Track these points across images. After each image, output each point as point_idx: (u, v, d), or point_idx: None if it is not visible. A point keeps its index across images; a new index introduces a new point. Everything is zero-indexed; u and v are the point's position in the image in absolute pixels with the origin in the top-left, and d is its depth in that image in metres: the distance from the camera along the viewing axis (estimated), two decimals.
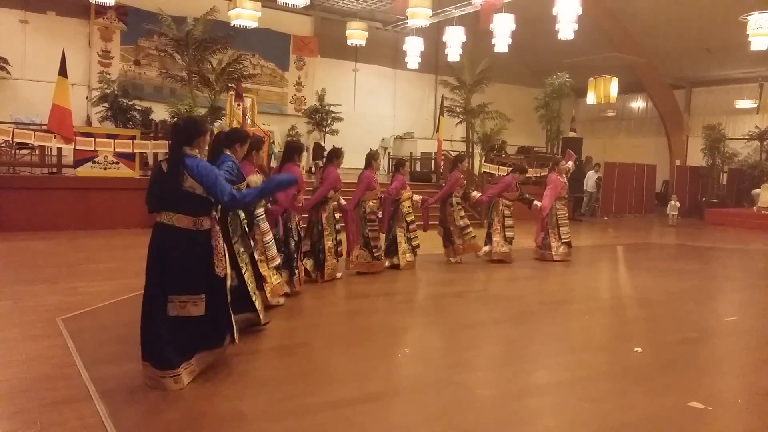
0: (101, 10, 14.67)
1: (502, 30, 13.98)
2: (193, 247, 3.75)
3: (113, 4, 12.99)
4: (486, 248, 8.96)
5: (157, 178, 3.87)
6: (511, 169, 10.36)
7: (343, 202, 7.40)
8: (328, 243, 7.02)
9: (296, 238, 6.33)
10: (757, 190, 17.55)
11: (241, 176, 4.52)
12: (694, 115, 21.80)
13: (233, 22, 13.46)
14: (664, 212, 19.60)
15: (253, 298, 4.79)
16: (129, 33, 15.42)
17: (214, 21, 11.71)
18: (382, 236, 8.07)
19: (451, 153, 16.93)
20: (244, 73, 12.12)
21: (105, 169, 10.82)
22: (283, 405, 3.56)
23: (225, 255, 3.92)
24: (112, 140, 10.79)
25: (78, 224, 10.14)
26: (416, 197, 8.43)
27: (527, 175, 14.66)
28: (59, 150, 10.65)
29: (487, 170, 15.76)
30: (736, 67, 18.94)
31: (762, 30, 13.48)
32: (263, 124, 15.55)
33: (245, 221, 4.83)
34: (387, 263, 8.00)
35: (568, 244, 9.33)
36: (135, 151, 11.11)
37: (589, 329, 5.79)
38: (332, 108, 16.79)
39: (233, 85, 11.96)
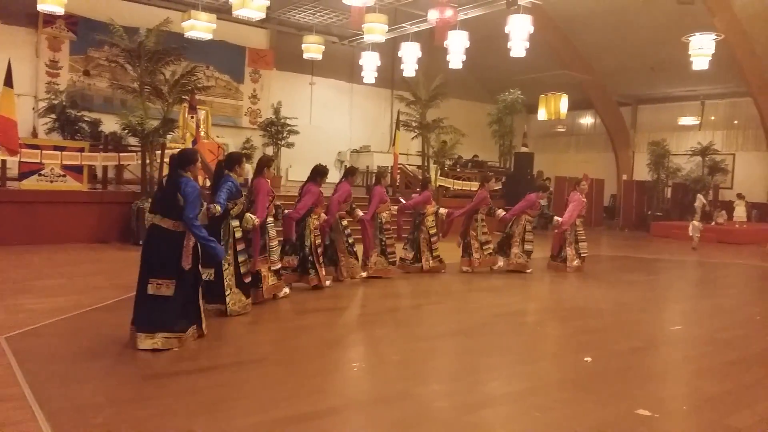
0: (50, 19, 14.26)
1: (456, 47, 14.24)
2: (170, 243, 4.80)
3: (62, 13, 12.67)
4: (500, 263, 9.58)
5: (161, 191, 4.98)
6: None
7: (360, 213, 8.22)
8: (341, 246, 7.91)
9: (308, 244, 7.23)
10: (698, 203, 18.26)
11: (239, 193, 5.82)
12: (639, 131, 22.61)
13: (187, 34, 13.31)
14: (612, 225, 20.23)
15: (227, 293, 5.74)
16: (78, 43, 15.04)
17: (168, 32, 11.53)
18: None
19: (407, 167, 17.13)
20: (198, 85, 11.96)
21: (51, 182, 10.51)
22: (235, 422, 3.50)
23: (194, 253, 4.90)
24: (59, 152, 10.50)
25: (23, 239, 9.78)
26: (442, 210, 9.35)
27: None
28: (3, 162, 10.29)
29: (443, 184, 15.97)
30: (679, 86, 19.78)
31: (703, 50, 14.13)
32: (217, 137, 15.39)
33: (236, 228, 5.87)
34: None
35: (583, 259, 9.91)
36: (83, 163, 10.84)
37: (542, 340, 5.92)
38: (288, 121, 16.73)
39: (187, 97, 11.78)
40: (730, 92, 19.21)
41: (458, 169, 17.55)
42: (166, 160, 11.48)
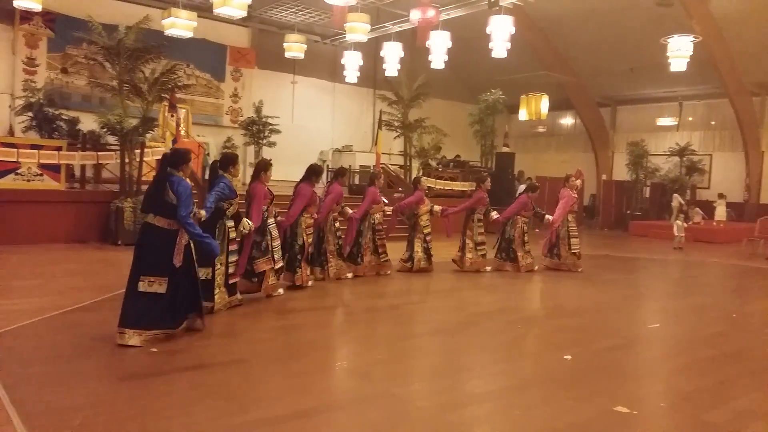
0: (27, 15, 14.02)
1: (439, 47, 14.27)
2: (164, 242, 4.88)
3: (39, 9, 12.48)
4: (488, 267, 9.59)
5: (151, 189, 5.03)
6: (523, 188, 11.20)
7: (350, 211, 8.37)
8: (330, 247, 8.02)
9: (300, 243, 7.29)
10: (675, 203, 18.50)
11: (233, 194, 5.90)
12: (619, 131, 22.86)
13: (167, 32, 13.16)
14: (592, 224, 20.42)
15: (216, 291, 5.85)
16: (56, 40, 14.80)
17: (148, 30, 11.41)
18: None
19: (389, 166, 17.14)
20: (179, 84, 11.83)
21: (28, 181, 10.35)
22: (215, 423, 3.48)
23: (186, 251, 4.98)
24: (36, 151, 10.32)
25: None
26: (436, 208, 9.41)
27: (463, 189, 15.05)
28: None
29: (426, 183, 15.97)
30: (658, 87, 20.03)
31: (681, 52, 14.32)
32: (198, 136, 15.28)
33: (231, 228, 5.97)
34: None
35: (577, 255, 9.95)
36: (61, 162, 10.68)
37: (523, 338, 5.96)
38: (270, 120, 16.65)
39: (167, 96, 11.68)
40: (708, 93, 19.49)
41: (440, 169, 17.60)
42: (146, 159, 11.42)
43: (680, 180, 19.70)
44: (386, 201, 10.35)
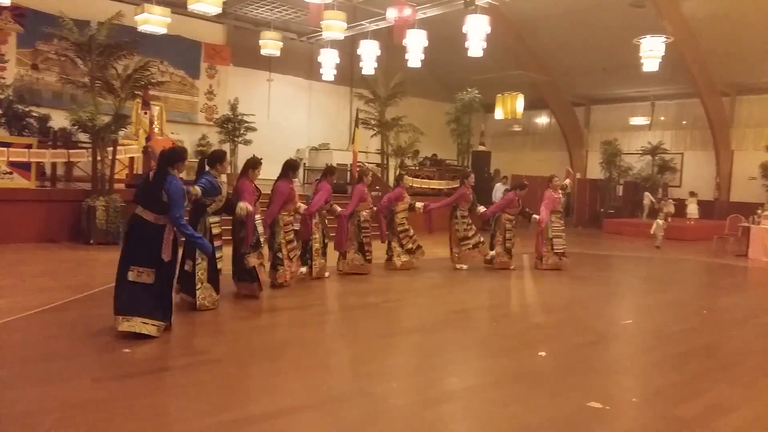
0: None
1: (415, 45, 14.30)
2: (151, 234, 4.99)
3: (8, 4, 12.20)
4: (492, 252, 9.78)
5: (143, 183, 5.30)
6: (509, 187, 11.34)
7: (338, 209, 8.40)
8: (316, 245, 7.98)
9: (279, 240, 7.27)
10: (646, 201, 18.79)
11: (216, 190, 6.00)
12: (592, 130, 23.13)
13: (140, 28, 12.96)
14: (566, 222, 20.58)
15: (197, 287, 5.93)
16: (26, 36, 14.48)
17: (120, 26, 11.24)
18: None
19: (366, 164, 17.13)
20: (152, 81, 11.69)
21: None
22: (189, 424, 3.45)
23: (174, 246, 5.14)
24: (5, 148, 10.11)
25: None
26: (418, 204, 9.50)
27: (440, 187, 15.12)
28: None
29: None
30: (631, 87, 20.31)
31: (653, 52, 14.53)
32: (172, 133, 15.10)
33: (213, 224, 6.07)
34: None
35: (560, 255, 9.97)
36: (31, 160, 10.47)
37: (498, 335, 6.01)
38: (245, 118, 16.52)
39: (140, 93, 11.51)
40: (679, 93, 19.83)
41: (417, 167, 17.65)
42: (118, 157, 11.27)
43: (652, 178, 20.02)
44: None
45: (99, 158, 10.85)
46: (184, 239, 5.46)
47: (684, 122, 20.82)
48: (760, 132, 18.82)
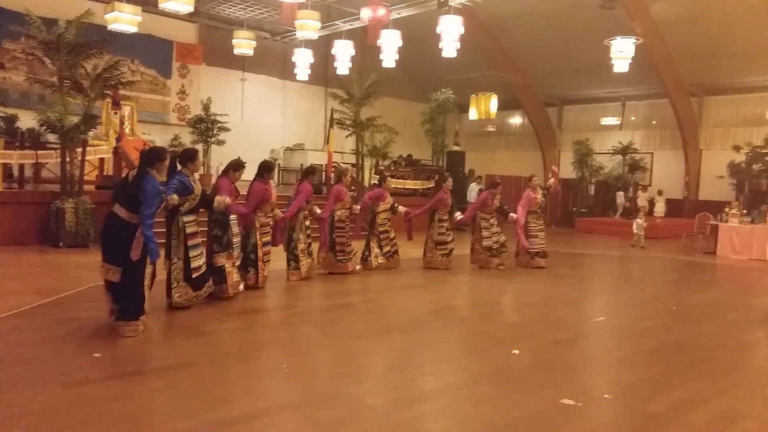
0: None
1: (390, 45, 14.33)
2: (122, 232, 5.02)
3: None
4: (496, 260, 9.85)
5: (122, 183, 5.40)
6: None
7: (318, 211, 8.40)
8: (301, 246, 8.05)
9: (253, 242, 7.23)
10: (619, 200, 19.10)
11: (188, 190, 5.94)
12: (565, 131, 23.43)
13: (110, 26, 12.76)
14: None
15: (173, 286, 5.97)
16: None
17: (90, 24, 11.03)
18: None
19: (342, 165, 17.09)
20: (122, 80, 11.49)
21: None
22: (163, 427, 3.40)
23: (144, 246, 5.06)
24: None
25: None
26: (401, 209, 9.55)
27: (415, 187, 15.15)
28: None
29: (377, 182, 16.00)
30: (602, 88, 20.63)
31: (623, 54, 14.79)
32: (143, 134, 14.89)
33: (188, 224, 6.01)
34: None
35: (535, 255, 10.08)
36: None
37: (472, 334, 6.04)
38: (218, 118, 16.35)
39: (110, 92, 11.31)
40: (649, 94, 20.19)
41: (392, 168, 17.66)
42: (88, 158, 11.06)
43: (623, 178, 20.35)
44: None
45: (68, 159, 10.63)
46: (174, 240, 5.83)
47: (654, 122, 21.21)
48: (728, 131, 19.27)
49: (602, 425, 3.80)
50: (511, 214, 9.99)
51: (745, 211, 14.15)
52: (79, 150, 10.72)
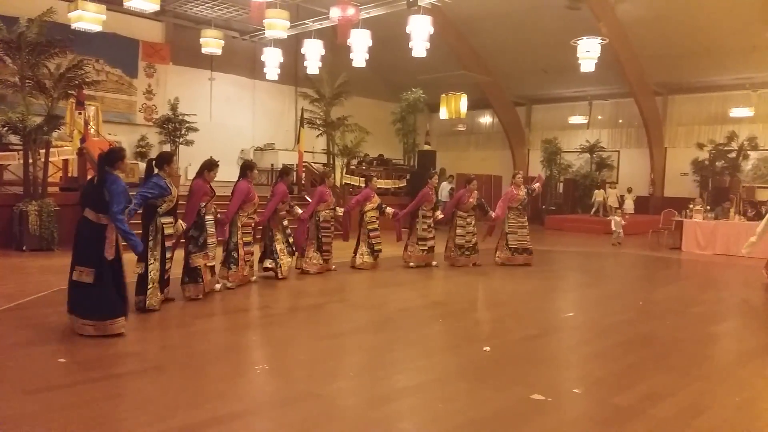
0: None
1: (359, 45, 14.30)
2: (92, 234, 5.06)
3: None
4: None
5: (88, 185, 5.44)
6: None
7: (299, 211, 8.60)
8: (279, 245, 8.14)
9: (234, 240, 7.35)
10: (599, 198, 19.37)
11: (165, 191, 6.01)
12: (534, 130, 23.73)
13: (74, 25, 12.48)
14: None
15: (149, 287, 5.93)
16: None
17: (52, 23, 10.78)
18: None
19: (313, 165, 17.04)
20: (86, 80, 11.26)
21: None
22: None
23: (117, 246, 5.14)
24: None
25: None
26: (389, 210, 9.72)
27: (387, 186, 15.14)
28: None
29: (349, 182, 16.02)
30: (569, 87, 20.93)
31: (589, 54, 15.02)
32: (109, 134, 14.63)
33: (166, 225, 6.08)
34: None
35: (514, 251, 10.22)
36: None
37: (444, 332, 6.07)
38: (186, 118, 16.15)
39: (73, 92, 11.08)
40: (615, 93, 20.56)
41: (364, 167, 17.66)
42: (52, 159, 10.81)
43: (591, 175, 20.68)
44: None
45: (31, 161, 10.38)
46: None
47: (620, 121, 21.61)
48: (691, 130, 19.74)
49: (571, 419, 3.85)
50: (490, 212, 10.17)
51: (708, 208, 14.52)
52: (43, 151, 10.48)
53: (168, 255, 6.15)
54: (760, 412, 4.05)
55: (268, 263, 8.14)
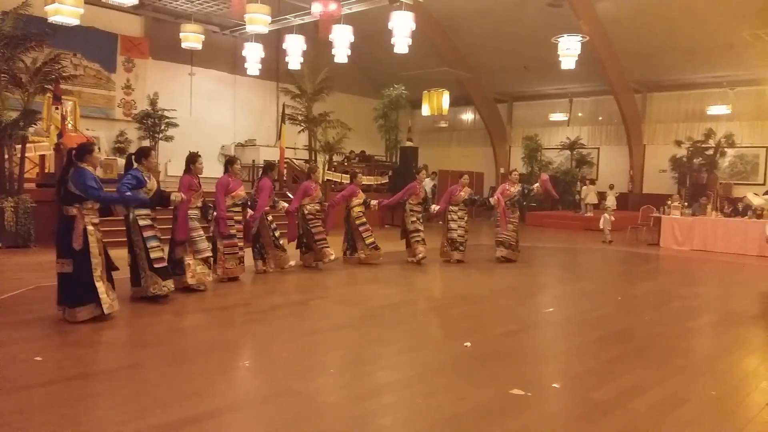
0: None
1: (341, 41, 14.25)
2: (64, 226, 5.37)
3: None
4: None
5: (58, 180, 5.64)
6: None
7: (285, 205, 8.75)
8: (266, 240, 8.33)
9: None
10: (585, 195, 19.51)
11: (142, 183, 6.15)
12: (515, 126, 23.85)
13: (51, 19, 12.25)
14: (491, 215, 21.19)
15: (141, 275, 6.22)
16: None
17: (28, 16, 10.59)
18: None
19: (294, 161, 16.96)
20: (64, 74, 11.08)
21: None
22: (110, 431, 3.30)
23: (84, 236, 5.35)
24: None
25: None
26: (373, 202, 9.98)
27: (369, 183, 15.14)
28: None
29: (331, 178, 15.98)
30: (550, 84, 21.07)
31: (570, 51, 15.14)
32: (87, 130, 14.43)
33: (141, 217, 6.19)
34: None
35: (498, 244, 10.39)
36: None
37: (425, 328, 6.09)
38: (166, 113, 15.98)
39: (50, 87, 10.91)
40: (595, 90, 20.74)
41: (346, 164, 17.63)
42: (28, 155, 10.65)
43: (571, 172, 20.85)
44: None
45: (7, 156, 10.20)
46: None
47: (600, 118, 21.80)
48: (670, 127, 19.98)
49: (551, 414, 3.89)
50: (489, 200, 10.52)
51: (686, 204, 14.71)
52: (19, 147, 10.31)
53: (154, 244, 6.24)
54: (736, 405, 4.12)
55: (259, 264, 8.38)
